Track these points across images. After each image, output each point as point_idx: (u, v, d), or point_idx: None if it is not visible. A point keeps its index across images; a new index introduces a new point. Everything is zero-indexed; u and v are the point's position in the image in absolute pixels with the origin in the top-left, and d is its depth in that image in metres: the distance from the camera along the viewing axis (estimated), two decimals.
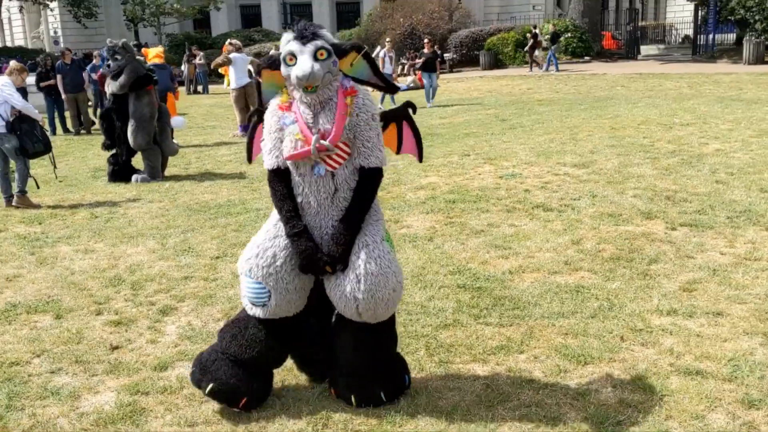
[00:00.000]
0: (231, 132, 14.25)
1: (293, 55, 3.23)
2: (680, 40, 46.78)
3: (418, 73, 18.74)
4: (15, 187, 8.40)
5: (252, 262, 3.40)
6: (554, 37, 27.43)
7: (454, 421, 3.32)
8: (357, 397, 3.48)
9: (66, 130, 16.18)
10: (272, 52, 3.52)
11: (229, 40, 14.49)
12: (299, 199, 3.40)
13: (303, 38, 3.25)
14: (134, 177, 9.69)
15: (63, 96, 15.79)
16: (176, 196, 8.59)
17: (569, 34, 30.52)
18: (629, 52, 32.89)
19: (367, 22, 35.25)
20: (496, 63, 30.63)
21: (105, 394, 3.74)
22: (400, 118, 3.68)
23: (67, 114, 16.23)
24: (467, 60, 32.02)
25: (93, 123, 16.13)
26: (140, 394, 3.71)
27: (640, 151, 9.85)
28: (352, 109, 3.31)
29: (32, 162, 8.67)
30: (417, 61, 18.33)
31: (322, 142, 3.23)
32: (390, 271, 3.34)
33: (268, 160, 3.42)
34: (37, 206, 8.33)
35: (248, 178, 9.48)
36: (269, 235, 3.44)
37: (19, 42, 50.93)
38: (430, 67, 18.11)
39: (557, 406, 3.43)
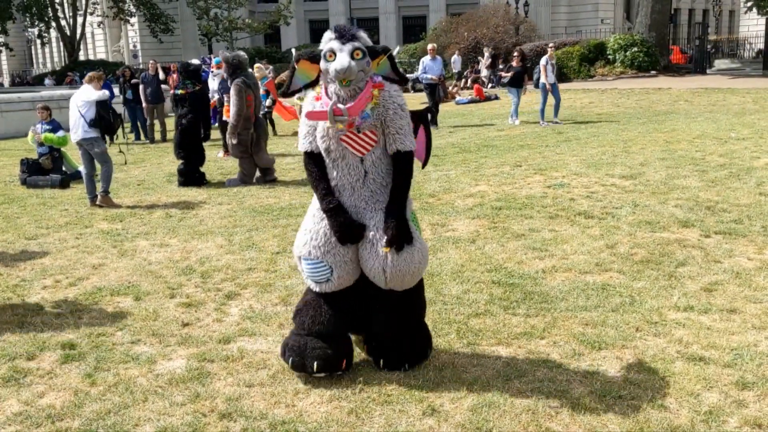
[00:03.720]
0: (296, 143, 14.96)
1: (333, 52, 3.68)
2: (753, 54, 45.79)
3: (476, 86, 18.54)
4: (99, 188, 9.23)
5: (309, 245, 3.88)
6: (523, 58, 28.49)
7: (474, 390, 3.80)
8: (385, 360, 3.97)
9: (145, 137, 17.23)
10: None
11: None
12: (334, 182, 3.89)
13: (342, 38, 3.71)
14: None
15: (143, 105, 16.90)
16: (243, 200, 9.28)
17: (635, 48, 30.40)
18: (698, 66, 32.50)
19: (431, 35, 35.85)
20: (561, 77, 30.69)
21: (177, 361, 4.36)
22: (417, 120, 4.06)
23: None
24: (531, 74, 32.18)
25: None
26: (206, 361, 4.32)
27: (690, 164, 10.07)
28: (379, 100, 3.75)
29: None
30: (505, 74, 17.16)
31: (339, 106, 3.68)
32: (415, 248, 3.83)
33: (303, 143, 3.91)
34: (118, 206, 9.14)
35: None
36: (316, 219, 3.91)
37: (101, 55, 53.59)
38: (519, 81, 16.94)
39: (567, 381, 3.86)
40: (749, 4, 39.21)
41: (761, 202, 7.71)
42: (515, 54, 17.91)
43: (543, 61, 16.59)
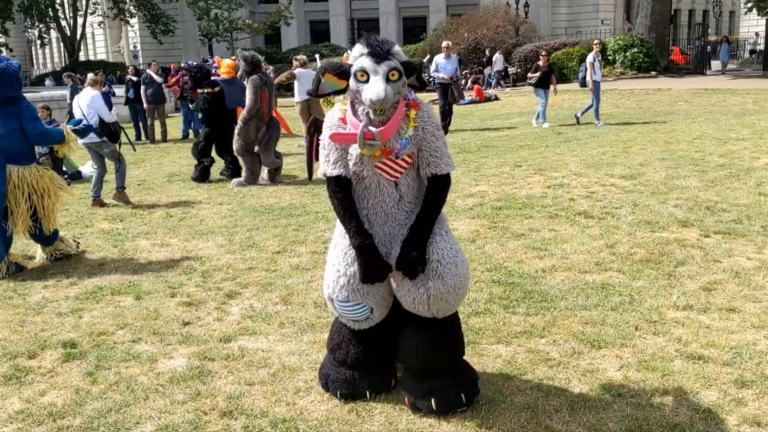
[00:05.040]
0: (296, 143, 14.97)
1: (365, 72, 3.27)
2: (746, 55, 45.81)
3: (476, 87, 18.25)
4: (96, 189, 9.25)
5: (347, 289, 3.54)
6: (488, 61, 28.40)
7: None
8: (438, 401, 3.54)
9: (146, 137, 17.27)
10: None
11: (294, 56, 15.34)
12: (365, 212, 3.53)
13: (377, 56, 3.28)
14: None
15: (144, 106, 16.95)
16: (243, 200, 9.30)
17: (635, 49, 30.42)
18: (698, 67, 32.52)
19: (432, 36, 35.87)
20: (561, 77, 30.71)
21: (178, 359, 4.37)
22: None
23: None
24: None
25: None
26: (207, 359, 4.33)
27: (690, 164, 10.07)
28: (417, 122, 3.39)
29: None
30: (532, 75, 16.11)
31: (370, 129, 3.30)
32: (458, 260, 3.48)
33: (332, 168, 3.46)
34: (132, 203, 9.18)
35: (309, 184, 10.11)
36: (348, 259, 3.54)
37: (101, 56, 53.59)
38: (546, 82, 16.00)
39: (567, 380, 3.88)
40: (749, 4, 39.25)
41: (760, 202, 7.72)
42: (542, 53, 17.34)
43: (590, 57, 16.08)
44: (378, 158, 3.41)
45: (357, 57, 3.37)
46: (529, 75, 16.30)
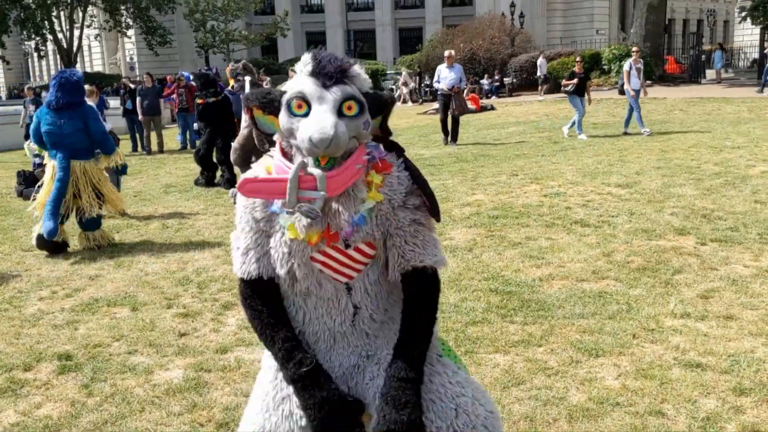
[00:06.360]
0: None
1: (305, 101, 2.09)
2: (748, 64, 46.05)
3: (471, 95, 18.11)
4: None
5: None
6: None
7: None
8: None
9: (143, 148, 17.30)
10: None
11: (291, 68, 15.42)
12: (300, 330, 2.29)
13: (326, 76, 2.11)
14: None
15: (140, 117, 16.98)
16: None
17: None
18: (693, 76, 32.68)
19: (428, 47, 36.04)
20: (556, 87, 30.81)
21: (174, 371, 4.35)
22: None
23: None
24: (526, 84, 32.39)
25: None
26: (203, 371, 4.31)
27: (685, 173, 10.10)
28: (384, 192, 2.17)
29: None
30: (568, 82, 15.50)
31: (311, 170, 2.11)
32: (476, 403, 2.26)
33: (242, 264, 2.26)
34: (129, 215, 9.18)
35: None
36: (274, 401, 2.27)
37: (98, 68, 53.71)
38: (582, 89, 15.39)
39: (565, 389, 3.87)
40: (743, 14, 39.49)
41: (756, 210, 7.73)
42: (578, 59, 16.86)
43: (626, 66, 15.79)
44: (316, 246, 2.16)
45: (297, 77, 2.20)
46: (564, 82, 15.76)
